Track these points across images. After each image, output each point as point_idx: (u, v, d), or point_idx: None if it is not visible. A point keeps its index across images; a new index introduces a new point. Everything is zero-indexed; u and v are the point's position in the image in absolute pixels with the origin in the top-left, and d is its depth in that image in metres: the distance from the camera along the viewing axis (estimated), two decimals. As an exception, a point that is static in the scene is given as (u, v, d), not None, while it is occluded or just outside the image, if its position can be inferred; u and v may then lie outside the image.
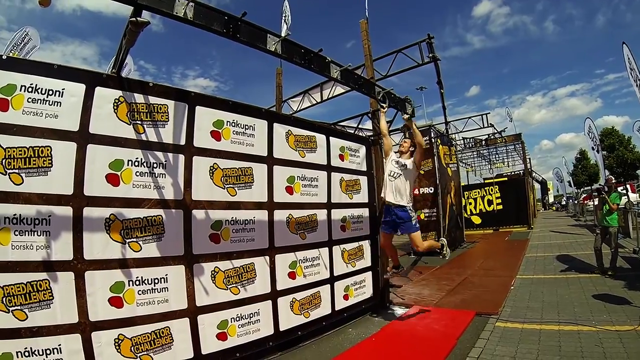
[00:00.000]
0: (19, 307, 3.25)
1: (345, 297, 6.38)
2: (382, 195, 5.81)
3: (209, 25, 3.89)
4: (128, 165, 3.96)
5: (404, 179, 5.61)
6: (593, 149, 15.48)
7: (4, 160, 3.28)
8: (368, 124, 8.89)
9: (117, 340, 3.73)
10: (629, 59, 7.30)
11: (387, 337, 5.52)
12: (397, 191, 5.60)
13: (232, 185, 4.86)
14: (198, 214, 4.49)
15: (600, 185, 11.09)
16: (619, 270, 8.19)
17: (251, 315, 4.88)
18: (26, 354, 3.25)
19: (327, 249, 6.15)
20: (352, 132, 8.36)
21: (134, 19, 3.25)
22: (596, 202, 12.88)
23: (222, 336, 4.55)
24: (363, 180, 7.04)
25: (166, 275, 4.12)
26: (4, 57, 3.46)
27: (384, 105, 6.14)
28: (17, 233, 3.29)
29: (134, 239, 3.94)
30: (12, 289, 3.23)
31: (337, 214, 6.36)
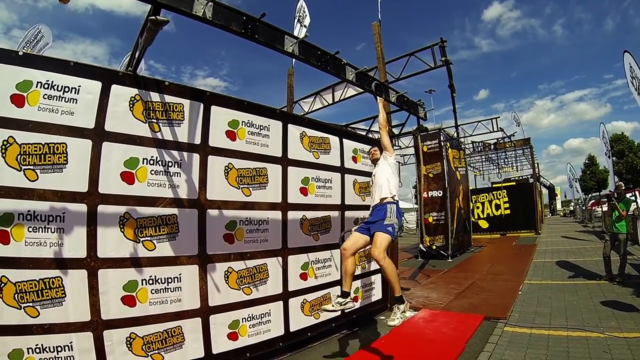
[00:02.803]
0: (31, 304, 3.25)
1: (355, 299, 6.35)
2: None
3: (228, 25, 3.89)
4: (143, 163, 3.96)
5: (380, 176, 4.98)
6: (606, 154, 15.41)
7: (19, 157, 3.29)
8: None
9: (128, 339, 3.74)
10: (630, 67, 7.16)
11: (396, 340, 5.49)
12: (378, 190, 4.87)
13: (246, 186, 4.86)
14: (212, 213, 4.49)
15: (609, 191, 11.04)
16: (627, 278, 8.16)
17: (262, 316, 4.89)
18: (37, 350, 3.26)
19: (339, 250, 6.08)
20: (364, 134, 8.33)
21: (154, 17, 3.24)
22: (605, 209, 12.82)
23: (233, 336, 4.55)
24: (375, 182, 7.01)
25: (179, 274, 4.13)
26: (20, 53, 3.47)
27: (379, 97, 5.68)
28: (30, 229, 3.30)
29: (148, 238, 3.94)
30: (24, 285, 3.24)
31: (351, 216, 6.34)
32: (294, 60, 6.42)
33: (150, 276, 3.92)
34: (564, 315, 6.09)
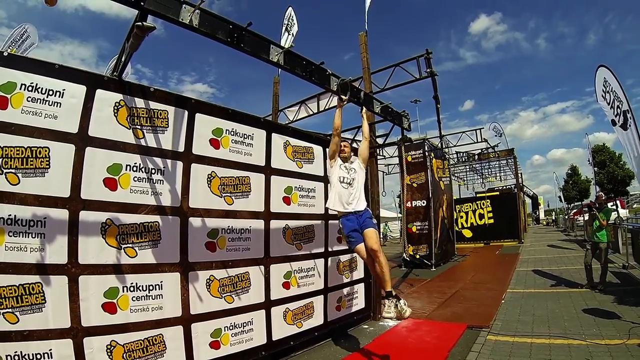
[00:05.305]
0: (10, 310, 3.20)
1: (338, 308, 6.37)
2: (332, 205, 4.96)
3: (214, 33, 3.91)
4: (126, 170, 3.94)
5: (360, 184, 5.02)
6: (589, 162, 15.67)
7: (0, 160, 3.24)
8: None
9: (109, 347, 3.68)
10: (605, 81, 7.22)
11: (379, 349, 5.49)
12: (359, 197, 4.94)
13: (229, 194, 4.86)
14: (195, 221, 4.48)
15: (590, 201, 11.21)
16: (609, 285, 8.29)
17: (244, 324, 4.86)
18: (16, 357, 3.20)
19: (322, 259, 6.17)
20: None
21: (140, 23, 3.25)
22: (586, 218, 13.00)
23: (215, 345, 4.52)
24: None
25: (161, 282, 4.09)
26: (5, 54, 3.44)
27: (344, 97, 5.38)
28: (11, 234, 3.25)
29: (130, 245, 3.91)
30: (3, 291, 3.18)
31: (334, 225, 6.32)
32: (279, 69, 6.44)
33: (132, 283, 3.88)
34: (546, 323, 6.15)
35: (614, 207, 13.81)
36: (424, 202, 14.52)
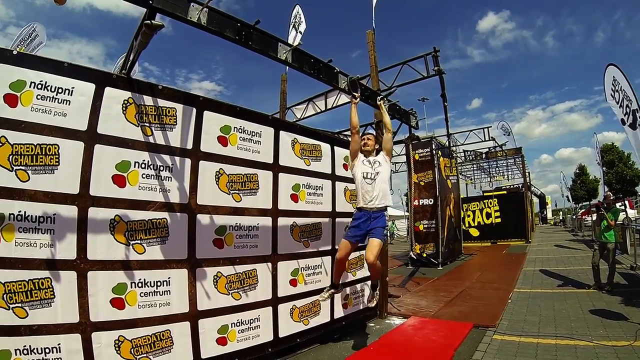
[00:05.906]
0: (19, 305, 3.23)
1: (345, 306, 6.37)
2: (358, 204, 5.04)
3: (222, 31, 3.93)
4: (135, 167, 3.97)
5: (384, 178, 5.02)
6: (597, 163, 15.55)
7: (11, 157, 3.28)
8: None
9: (117, 342, 3.72)
10: (614, 79, 7.16)
11: (385, 347, 5.50)
12: (381, 193, 4.95)
13: (237, 191, 4.87)
14: (203, 218, 4.49)
15: (598, 201, 11.14)
16: (616, 286, 8.24)
17: (251, 321, 4.88)
18: (25, 351, 3.23)
19: (329, 257, 6.14)
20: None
21: (149, 21, 3.27)
22: (594, 218, 12.91)
23: (222, 341, 4.54)
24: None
25: (169, 278, 4.12)
26: (15, 52, 3.47)
27: (357, 95, 5.37)
28: (21, 230, 3.29)
29: (138, 241, 3.94)
30: (13, 285, 3.21)
31: (341, 223, 6.32)
32: (287, 66, 6.47)
33: (140, 279, 3.91)
34: (553, 324, 6.13)
35: (622, 207, 13.73)
36: (431, 201, 14.50)
